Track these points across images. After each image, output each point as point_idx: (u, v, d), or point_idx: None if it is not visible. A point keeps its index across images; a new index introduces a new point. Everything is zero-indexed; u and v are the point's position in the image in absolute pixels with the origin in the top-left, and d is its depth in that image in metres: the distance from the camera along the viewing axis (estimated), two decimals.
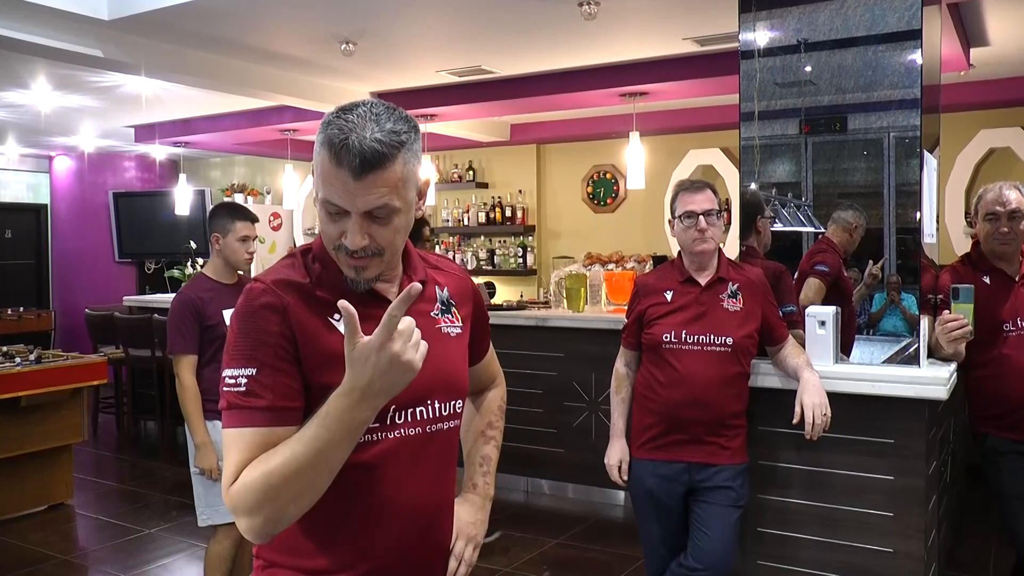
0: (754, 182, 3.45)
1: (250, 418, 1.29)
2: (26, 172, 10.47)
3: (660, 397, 2.81)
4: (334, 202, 1.30)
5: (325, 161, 1.30)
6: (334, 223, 1.33)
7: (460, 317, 1.55)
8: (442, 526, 1.51)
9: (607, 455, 2.96)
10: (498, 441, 1.74)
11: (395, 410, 1.38)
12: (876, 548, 2.95)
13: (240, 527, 1.28)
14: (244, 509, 1.26)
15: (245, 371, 1.30)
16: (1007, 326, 3.00)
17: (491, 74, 6.07)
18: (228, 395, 1.31)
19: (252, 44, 5.26)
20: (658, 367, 2.82)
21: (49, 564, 4.43)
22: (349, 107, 1.31)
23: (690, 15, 4.65)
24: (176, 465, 6.52)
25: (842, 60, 3.27)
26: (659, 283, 2.90)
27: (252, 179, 10.50)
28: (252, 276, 1.43)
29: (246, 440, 1.29)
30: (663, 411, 2.80)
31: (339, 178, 1.28)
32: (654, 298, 2.87)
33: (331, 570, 1.38)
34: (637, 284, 2.97)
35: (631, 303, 2.97)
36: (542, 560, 4.42)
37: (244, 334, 1.33)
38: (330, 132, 1.29)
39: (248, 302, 1.35)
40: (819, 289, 3.28)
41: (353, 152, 1.26)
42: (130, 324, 7.07)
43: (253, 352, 1.31)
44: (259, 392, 1.30)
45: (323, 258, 1.41)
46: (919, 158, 3.11)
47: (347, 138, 1.27)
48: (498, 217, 8.52)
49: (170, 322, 3.38)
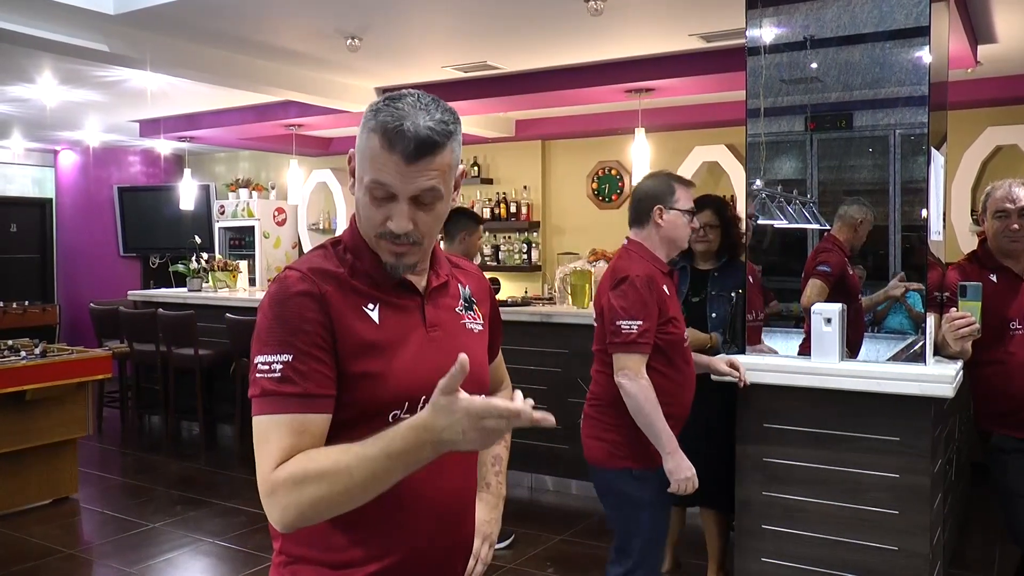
0: (760, 179, 3.44)
1: (285, 405, 1.28)
2: (31, 166, 10.48)
3: None
4: (384, 183, 1.33)
5: (376, 146, 1.32)
6: (379, 208, 1.36)
7: (481, 315, 1.58)
8: (466, 521, 1.52)
9: (684, 469, 2.72)
10: (508, 441, 1.75)
11: (425, 402, 1.37)
12: (881, 546, 2.94)
13: (270, 513, 1.27)
14: (284, 496, 1.24)
15: (280, 357, 1.30)
16: (1014, 324, 3.00)
17: (496, 70, 6.06)
18: (261, 382, 1.30)
19: (258, 39, 5.25)
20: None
21: (54, 558, 4.44)
22: (397, 96, 1.35)
23: (697, 11, 4.64)
24: (180, 460, 6.53)
25: (849, 57, 3.25)
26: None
27: (257, 174, 10.51)
28: (287, 266, 1.42)
29: (285, 427, 1.28)
30: None
31: (391, 162, 1.32)
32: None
33: (357, 564, 1.38)
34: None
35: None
36: (546, 556, 4.42)
37: (280, 320, 1.32)
38: (382, 118, 1.32)
39: (284, 289, 1.35)
40: (821, 290, 3.27)
41: (408, 137, 1.30)
42: (135, 318, 7.08)
43: (290, 339, 1.31)
44: (295, 379, 1.29)
45: (356, 248, 1.42)
46: (926, 155, 3.10)
47: (401, 124, 1.30)
48: (503, 213, 8.52)
49: None
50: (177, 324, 6.73)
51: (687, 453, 3.05)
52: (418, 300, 1.45)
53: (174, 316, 6.78)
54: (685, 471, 2.72)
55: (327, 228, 9.68)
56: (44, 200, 10.64)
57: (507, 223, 8.54)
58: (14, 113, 7.73)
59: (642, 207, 2.90)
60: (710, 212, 3.77)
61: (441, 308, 1.49)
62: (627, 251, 2.92)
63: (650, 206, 2.87)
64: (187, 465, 6.40)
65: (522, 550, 4.46)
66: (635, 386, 2.68)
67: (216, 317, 6.80)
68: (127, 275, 10.33)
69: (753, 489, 3.22)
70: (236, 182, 10.14)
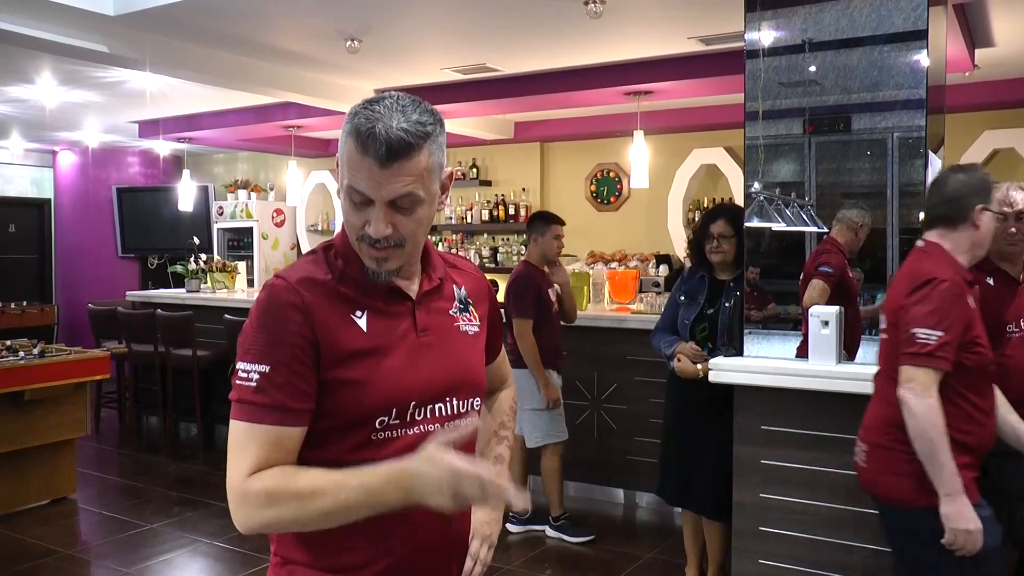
0: (758, 181, 3.45)
1: (259, 415, 1.32)
2: (30, 167, 10.48)
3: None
4: (359, 189, 1.32)
5: (352, 149, 1.31)
6: (358, 212, 1.35)
7: (477, 316, 1.57)
8: (461, 524, 1.52)
9: (967, 519, 2.28)
10: (510, 441, 1.75)
11: (415, 407, 1.39)
12: (878, 548, 2.95)
13: (236, 517, 1.32)
14: (254, 508, 1.29)
15: (259, 367, 1.32)
16: (1011, 327, 3.00)
17: (496, 72, 6.07)
18: (240, 388, 1.33)
19: (257, 40, 5.26)
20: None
21: (52, 558, 4.44)
22: (376, 99, 1.34)
23: (695, 14, 4.65)
24: (178, 460, 6.53)
25: (847, 60, 3.27)
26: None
27: (256, 175, 10.51)
28: (275, 273, 1.43)
29: (258, 437, 1.31)
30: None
31: (365, 166, 1.30)
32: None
33: (351, 567, 1.39)
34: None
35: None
36: (544, 558, 4.42)
37: (264, 330, 1.34)
38: (357, 121, 1.31)
39: (270, 299, 1.35)
40: (823, 291, 3.27)
41: (380, 140, 1.28)
42: (133, 319, 7.08)
43: (270, 350, 1.32)
44: (270, 390, 1.31)
45: (345, 253, 1.42)
46: (924, 158, 3.12)
47: (374, 127, 1.29)
48: (501, 215, 8.52)
49: (512, 294, 4.51)
50: (175, 325, 6.74)
51: (678, 455, 3.02)
52: (408, 305, 1.44)
53: (172, 317, 6.78)
54: (966, 522, 2.26)
55: (325, 229, 9.68)
56: (43, 200, 10.63)
57: (505, 225, 8.54)
58: (13, 113, 7.72)
59: (961, 204, 2.47)
60: (723, 221, 3.70)
61: (433, 312, 1.47)
62: (926, 252, 2.52)
63: (971, 204, 2.46)
64: (185, 466, 6.40)
65: (520, 552, 4.47)
66: (921, 404, 2.27)
67: (214, 318, 6.81)
68: (125, 276, 10.33)
69: (750, 491, 3.22)
70: (235, 183, 10.15)
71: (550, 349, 4.58)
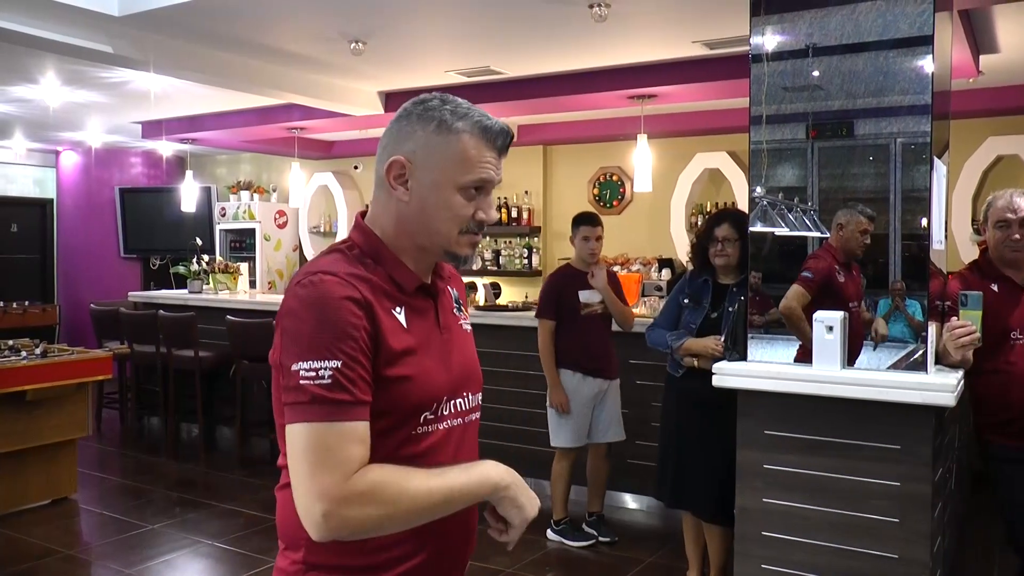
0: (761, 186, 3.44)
1: (342, 412, 1.27)
2: (33, 167, 10.49)
3: None
4: (490, 179, 1.43)
5: (478, 143, 1.41)
6: (470, 203, 1.43)
7: (467, 315, 1.63)
8: (475, 513, 1.52)
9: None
10: None
11: (445, 401, 1.43)
12: (881, 554, 2.94)
13: (329, 523, 1.24)
14: (362, 507, 1.25)
15: (329, 363, 1.27)
16: (1014, 334, 3.00)
17: (500, 75, 6.08)
18: (310, 388, 1.26)
19: (261, 42, 5.27)
20: None
21: (53, 558, 4.44)
22: (447, 98, 1.43)
23: (700, 18, 4.65)
24: (180, 462, 6.53)
25: (852, 65, 3.26)
26: None
27: (258, 176, 10.52)
28: (310, 271, 1.37)
29: (348, 434, 1.26)
30: None
31: (492, 156, 1.42)
32: None
33: (384, 566, 1.38)
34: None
35: None
36: (545, 561, 4.42)
37: (325, 324, 1.29)
38: (475, 117, 1.41)
39: (325, 293, 1.31)
40: (799, 295, 3.21)
41: (506, 132, 1.43)
42: (135, 320, 7.08)
43: (337, 344, 1.28)
44: (346, 386, 1.27)
45: (375, 253, 1.43)
46: (929, 164, 3.11)
47: (495, 121, 1.42)
48: (504, 218, 8.52)
49: (540, 294, 4.70)
50: (177, 326, 6.73)
51: (676, 458, 2.97)
52: (431, 302, 1.48)
53: (174, 318, 6.78)
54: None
55: (328, 231, 9.69)
56: (45, 200, 10.65)
57: (508, 228, 8.55)
58: (16, 113, 7.73)
59: None
60: (728, 225, 3.72)
61: (446, 310, 1.52)
62: None
63: None
64: (186, 467, 6.40)
65: (520, 555, 4.46)
66: None
67: (216, 319, 6.80)
68: (127, 276, 10.34)
69: (753, 496, 3.21)
70: (237, 184, 10.15)
71: (573, 350, 4.52)
